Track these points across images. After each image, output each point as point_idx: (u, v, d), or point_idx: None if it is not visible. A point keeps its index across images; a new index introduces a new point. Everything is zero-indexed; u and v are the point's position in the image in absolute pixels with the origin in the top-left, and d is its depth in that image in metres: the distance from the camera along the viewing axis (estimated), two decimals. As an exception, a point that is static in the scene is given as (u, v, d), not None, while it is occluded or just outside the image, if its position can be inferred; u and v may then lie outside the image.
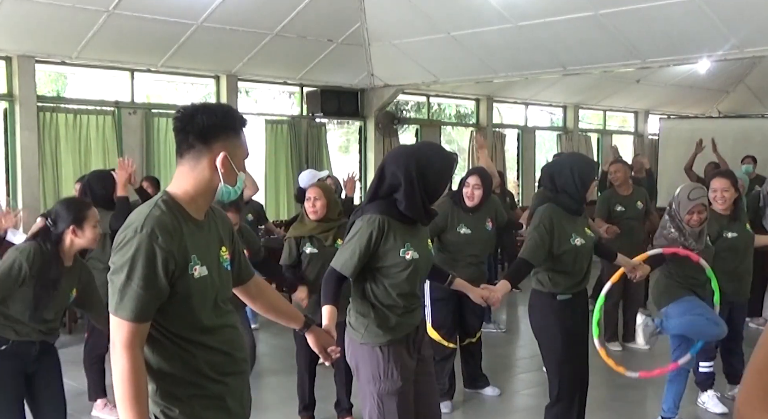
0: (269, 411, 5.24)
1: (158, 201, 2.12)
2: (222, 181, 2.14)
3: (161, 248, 2.02)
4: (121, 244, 2.04)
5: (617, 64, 9.22)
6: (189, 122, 2.12)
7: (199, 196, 2.16)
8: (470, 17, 8.59)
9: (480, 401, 5.34)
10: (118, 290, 2.02)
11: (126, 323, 2.01)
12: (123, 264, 2.01)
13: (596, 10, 7.87)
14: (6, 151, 8.39)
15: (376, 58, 10.20)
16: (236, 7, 8.16)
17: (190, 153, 2.13)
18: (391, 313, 3.09)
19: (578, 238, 3.87)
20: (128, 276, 2.00)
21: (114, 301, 2.03)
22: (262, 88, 11.41)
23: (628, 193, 6.58)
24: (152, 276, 2.01)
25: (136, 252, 2.00)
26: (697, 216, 4.26)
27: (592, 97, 14.13)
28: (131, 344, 2.01)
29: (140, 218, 2.06)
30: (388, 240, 3.05)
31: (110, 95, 9.28)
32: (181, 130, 2.13)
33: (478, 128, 12.99)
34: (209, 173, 2.13)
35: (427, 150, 3.20)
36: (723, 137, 12.99)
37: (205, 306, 2.16)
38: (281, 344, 6.82)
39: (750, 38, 7.64)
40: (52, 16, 7.57)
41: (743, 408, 0.97)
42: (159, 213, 2.07)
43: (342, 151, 13.21)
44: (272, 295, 2.62)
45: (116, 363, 2.01)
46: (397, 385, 3.06)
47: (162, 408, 2.12)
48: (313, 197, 4.55)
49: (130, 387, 1.99)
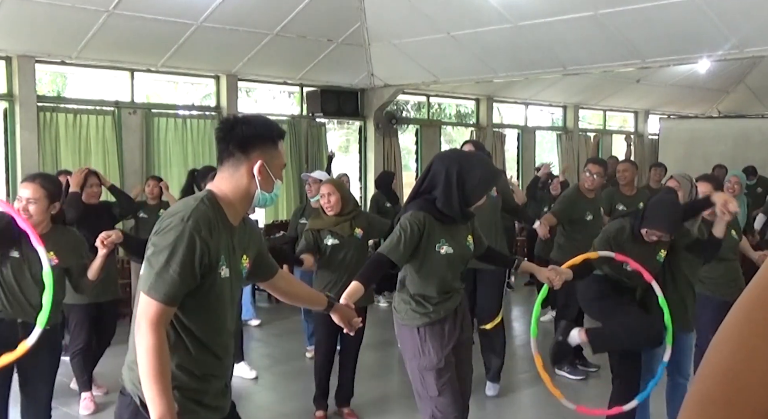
0: (269, 410, 5.24)
1: (204, 197, 2.26)
2: (259, 188, 2.30)
3: (202, 240, 2.15)
4: (166, 229, 2.17)
5: (617, 64, 9.22)
6: (229, 132, 2.29)
7: (237, 201, 2.31)
8: (470, 17, 8.59)
9: (479, 400, 5.34)
10: (155, 272, 2.13)
11: (156, 303, 2.12)
12: (164, 247, 2.14)
13: (596, 10, 7.87)
14: (6, 151, 8.39)
15: (376, 58, 10.20)
16: (236, 7, 8.16)
17: (230, 160, 2.29)
18: (426, 301, 3.42)
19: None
20: (168, 260, 2.12)
21: (149, 282, 2.13)
22: (262, 88, 11.42)
23: (631, 194, 6.60)
24: (189, 264, 2.14)
25: (178, 239, 2.13)
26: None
27: (592, 97, 14.13)
28: (158, 323, 2.12)
29: (187, 209, 2.19)
30: (426, 235, 3.32)
31: (110, 95, 9.28)
32: (222, 140, 2.30)
33: (478, 128, 12.99)
34: (247, 180, 2.29)
35: (473, 158, 3.50)
36: (723, 137, 13.04)
37: (220, 305, 2.29)
38: (281, 344, 6.83)
39: (750, 38, 7.64)
40: (52, 16, 7.56)
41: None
42: (204, 209, 2.20)
43: (342, 151, 13.22)
44: (297, 285, 2.87)
45: (142, 340, 2.11)
46: (434, 362, 3.39)
47: (140, 392, 2.19)
48: (327, 193, 4.75)
49: (155, 363, 2.09)
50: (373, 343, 6.26)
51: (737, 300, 0.74)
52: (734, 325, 0.72)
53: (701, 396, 0.71)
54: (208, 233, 2.17)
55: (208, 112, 9.96)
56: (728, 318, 0.73)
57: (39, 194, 3.53)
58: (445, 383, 3.39)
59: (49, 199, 3.56)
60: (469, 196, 3.36)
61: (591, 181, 5.90)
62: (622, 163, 6.85)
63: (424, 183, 3.41)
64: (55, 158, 8.54)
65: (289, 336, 6.88)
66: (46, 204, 3.54)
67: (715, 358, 0.72)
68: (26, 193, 3.54)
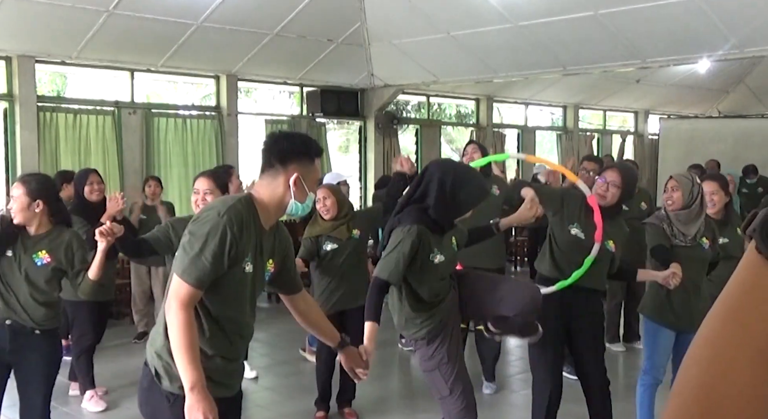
0: (269, 410, 5.24)
1: (242, 198, 2.51)
2: (293, 198, 2.52)
3: (233, 235, 2.38)
4: (203, 220, 2.42)
5: (617, 64, 9.22)
6: (273, 145, 2.55)
7: (271, 207, 2.54)
8: (470, 17, 8.59)
9: (478, 399, 5.33)
10: (190, 258, 2.37)
11: (188, 286, 2.37)
12: (199, 236, 2.38)
13: (596, 10, 7.87)
14: (6, 151, 8.38)
15: (376, 58, 10.20)
16: (236, 7, 8.16)
17: (269, 171, 2.54)
18: (423, 310, 3.45)
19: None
20: (201, 249, 2.37)
21: (183, 265, 2.38)
22: (262, 88, 11.42)
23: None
24: (219, 255, 2.38)
25: (212, 230, 2.37)
26: (669, 192, 4.15)
27: (592, 97, 14.13)
28: (188, 304, 2.37)
29: (225, 206, 2.43)
30: (422, 248, 3.34)
31: (110, 95, 9.28)
32: (265, 151, 2.56)
33: (478, 128, 12.99)
34: (282, 190, 2.52)
35: (468, 172, 3.53)
36: (723, 137, 13.04)
37: (240, 295, 2.53)
38: (281, 344, 6.83)
39: (750, 38, 7.64)
40: (52, 16, 7.56)
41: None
42: (240, 208, 2.44)
43: (342, 151, 13.22)
44: (317, 313, 2.97)
45: (173, 318, 2.35)
46: (439, 361, 3.45)
47: (164, 364, 2.47)
48: (323, 197, 4.78)
49: (185, 337, 2.34)
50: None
51: (712, 308, 0.71)
52: (710, 335, 0.69)
53: (678, 410, 0.68)
54: (239, 230, 2.40)
55: (208, 112, 9.96)
56: (703, 328, 0.70)
57: (19, 192, 3.53)
58: (455, 380, 3.44)
59: (30, 197, 3.52)
60: (459, 208, 3.40)
61: (588, 178, 5.99)
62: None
63: (418, 190, 3.41)
64: (55, 158, 8.54)
65: (289, 335, 6.88)
66: (25, 201, 3.52)
67: (692, 370, 0.69)
68: (12, 191, 3.61)
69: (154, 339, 2.53)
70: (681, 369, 0.70)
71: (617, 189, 3.96)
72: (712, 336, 0.69)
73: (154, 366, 2.49)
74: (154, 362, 2.50)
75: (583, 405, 4.24)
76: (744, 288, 0.69)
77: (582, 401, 4.23)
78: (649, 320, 4.27)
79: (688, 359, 0.70)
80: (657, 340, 4.22)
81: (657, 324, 4.21)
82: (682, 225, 4.16)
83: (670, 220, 4.17)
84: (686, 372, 0.69)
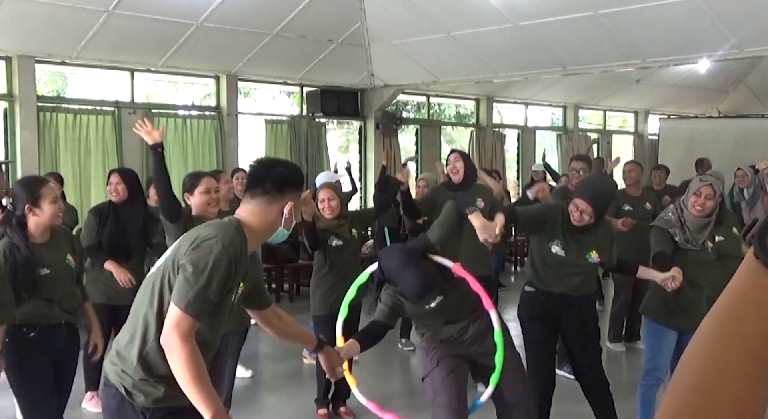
0: (269, 410, 5.24)
1: (237, 226, 2.42)
2: (282, 225, 2.49)
3: (235, 268, 2.35)
4: (206, 251, 2.32)
5: (617, 64, 9.22)
6: (269, 171, 2.50)
7: (259, 234, 2.49)
8: (470, 17, 8.59)
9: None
10: (195, 291, 2.29)
11: (190, 319, 2.29)
12: (204, 268, 2.30)
13: (596, 10, 7.87)
14: (6, 151, 8.38)
15: (376, 58, 10.20)
16: (236, 7, 8.16)
17: (263, 197, 2.47)
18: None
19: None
20: (208, 282, 2.30)
21: (186, 298, 2.29)
22: (262, 88, 11.41)
23: (637, 194, 6.62)
24: (222, 287, 2.33)
25: (217, 264, 2.30)
26: (703, 199, 4.01)
27: (592, 97, 14.13)
28: (190, 335, 2.30)
29: (227, 236, 2.36)
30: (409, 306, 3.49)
31: (110, 95, 9.28)
32: (258, 177, 2.49)
33: (478, 128, 12.99)
34: (275, 217, 2.48)
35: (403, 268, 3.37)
36: (723, 137, 13.02)
37: (219, 323, 2.50)
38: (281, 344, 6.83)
39: (750, 38, 7.64)
40: (52, 16, 7.56)
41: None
42: (239, 239, 2.38)
43: (342, 151, 13.21)
44: (290, 323, 2.94)
45: (178, 352, 2.27)
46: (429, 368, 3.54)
47: (135, 382, 2.40)
48: (327, 198, 4.86)
49: (194, 371, 2.27)
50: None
51: (710, 310, 0.72)
52: (705, 338, 0.71)
53: (671, 410, 0.69)
54: (238, 261, 2.36)
55: (208, 112, 9.96)
56: (700, 329, 0.72)
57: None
58: (438, 387, 3.47)
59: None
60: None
61: (577, 178, 6.08)
62: (628, 164, 6.88)
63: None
64: (55, 158, 8.54)
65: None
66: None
67: (686, 372, 0.71)
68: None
69: (122, 357, 2.43)
70: (677, 368, 0.72)
71: (590, 216, 3.90)
72: (708, 337, 0.71)
73: (123, 385, 2.41)
74: (122, 381, 2.42)
75: (582, 405, 4.24)
76: (740, 292, 0.71)
77: (582, 401, 4.23)
78: (653, 321, 4.23)
79: (684, 358, 0.72)
80: (661, 342, 4.19)
81: (661, 326, 4.18)
82: (697, 231, 4.11)
83: (683, 226, 4.09)
84: (682, 371, 0.71)
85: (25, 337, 3.44)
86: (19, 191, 3.51)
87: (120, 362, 2.43)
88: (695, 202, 4.04)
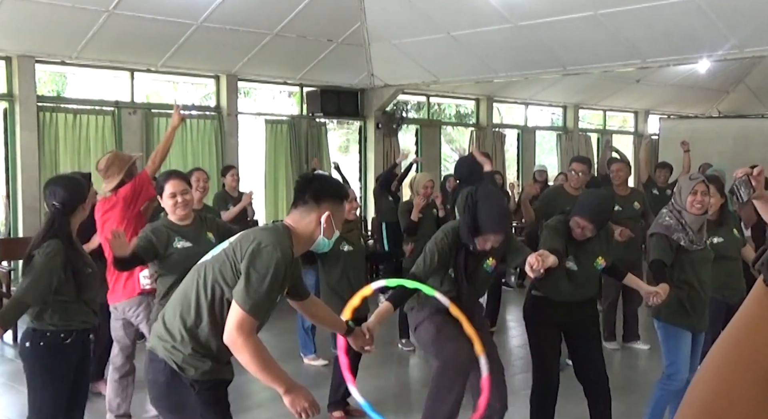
0: (269, 410, 5.24)
1: (288, 233, 2.72)
2: (322, 234, 2.75)
3: (289, 272, 2.64)
4: (267, 257, 2.58)
5: (617, 64, 9.22)
6: (308, 184, 2.78)
7: (302, 240, 2.77)
8: (470, 17, 8.59)
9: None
10: (258, 294, 2.56)
11: (251, 318, 2.57)
12: (266, 273, 2.56)
13: (596, 10, 7.87)
14: (6, 151, 8.39)
15: (376, 58, 10.20)
16: (236, 7, 8.17)
17: (304, 207, 2.76)
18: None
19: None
20: (270, 287, 2.57)
21: (249, 300, 2.55)
22: (262, 88, 11.41)
23: (625, 194, 6.56)
24: (279, 290, 2.65)
25: (277, 268, 2.57)
26: (700, 196, 4.03)
27: (592, 97, 14.13)
28: (252, 332, 2.59)
29: (282, 243, 2.64)
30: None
31: (110, 95, 9.28)
32: (300, 189, 2.79)
33: (478, 128, 12.99)
34: (314, 226, 2.75)
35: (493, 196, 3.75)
36: (723, 137, 13.02)
37: (264, 322, 2.75)
38: (280, 344, 6.82)
39: (750, 38, 7.64)
40: (52, 16, 7.57)
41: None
42: (289, 244, 2.68)
43: (342, 151, 13.21)
44: (324, 310, 3.24)
45: (245, 348, 2.56)
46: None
47: (185, 356, 2.67)
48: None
49: (262, 362, 2.59)
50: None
51: (723, 331, 0.74)
52: (717, 359, 0.73)
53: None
54: (290, 265, 2.65)
55: (208, 112, 9.96)
56: (711, 352, 0.74)
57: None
58: (443, 342, 3.76)
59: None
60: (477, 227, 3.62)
61: (576, 179, 6.09)
62: (616, 163, 6.81)
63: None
64: (55, 158, 8.54)
65: (288, 335, 6.87)
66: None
67: (698, 391, 0.73)
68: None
69: (170, 333, 2.69)
70: (689, 388, 0.75)
71: (591, 232, 3.96)
72: (719, 360, 0.73)
73: (173, 360, 2.67)
74: (172, 356, 2.67)
75: (582, 405, 4.24)
76: (749, 321, 0.73)
77: (582, 401, 4.23)
78: (668, 324, 4.16)
79: (698, 378, 0.74)
80: (679, 344, 4.15)
81: (677, 328, 4.14)
82: (698, 230, 4.13)
83: (685, 228, 4.08)
84: (694, 391, 0.74)
85: (62, 344, 3.41)
86: (68, 193, 3.52)
87: (170, 338, 2.69)
88: (693, 201, 4.05)
